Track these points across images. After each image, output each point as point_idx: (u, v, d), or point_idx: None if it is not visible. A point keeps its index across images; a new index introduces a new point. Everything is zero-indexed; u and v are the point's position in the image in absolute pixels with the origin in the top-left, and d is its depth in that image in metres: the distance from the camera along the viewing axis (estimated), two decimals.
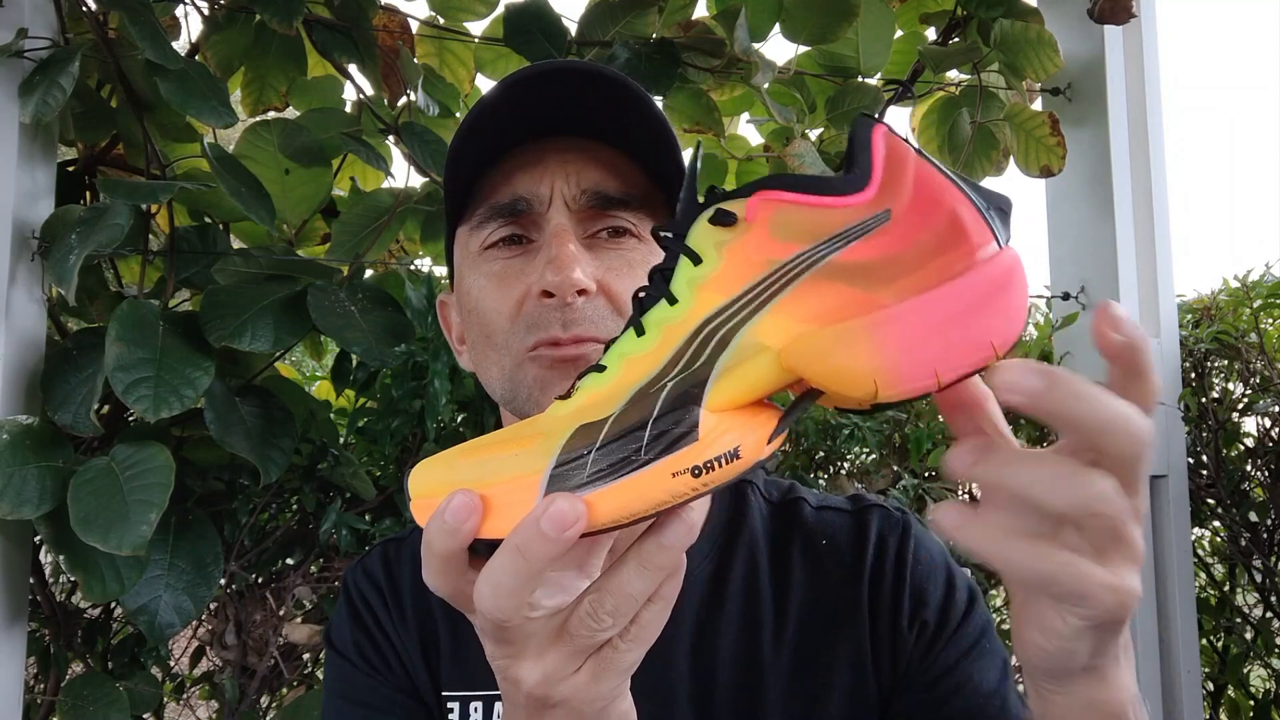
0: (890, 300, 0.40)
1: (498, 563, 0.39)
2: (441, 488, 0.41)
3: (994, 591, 1.69)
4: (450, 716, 0.69)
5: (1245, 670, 1.78)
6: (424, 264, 1.55)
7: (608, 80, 0.60)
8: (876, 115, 0.43)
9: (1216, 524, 1.78)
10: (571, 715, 0.43)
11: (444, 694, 0.69)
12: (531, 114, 0.62)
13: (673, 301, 0.43)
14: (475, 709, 0.68)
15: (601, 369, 0.44)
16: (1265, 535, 1.67)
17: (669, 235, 0.44)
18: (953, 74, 1.56)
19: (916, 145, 0.42)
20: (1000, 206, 0.42)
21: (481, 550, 0.42)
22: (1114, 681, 0.46)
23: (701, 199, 0.44)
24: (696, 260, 0.43)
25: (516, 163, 0.63)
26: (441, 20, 1.43)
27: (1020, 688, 0.62)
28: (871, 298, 0.41)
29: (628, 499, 0.39)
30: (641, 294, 0.45)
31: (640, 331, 0.43)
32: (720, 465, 0.40)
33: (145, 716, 1.34)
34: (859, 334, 0.40)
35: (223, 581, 1.30)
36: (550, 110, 0.62)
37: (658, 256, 0.64)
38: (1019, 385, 0.38)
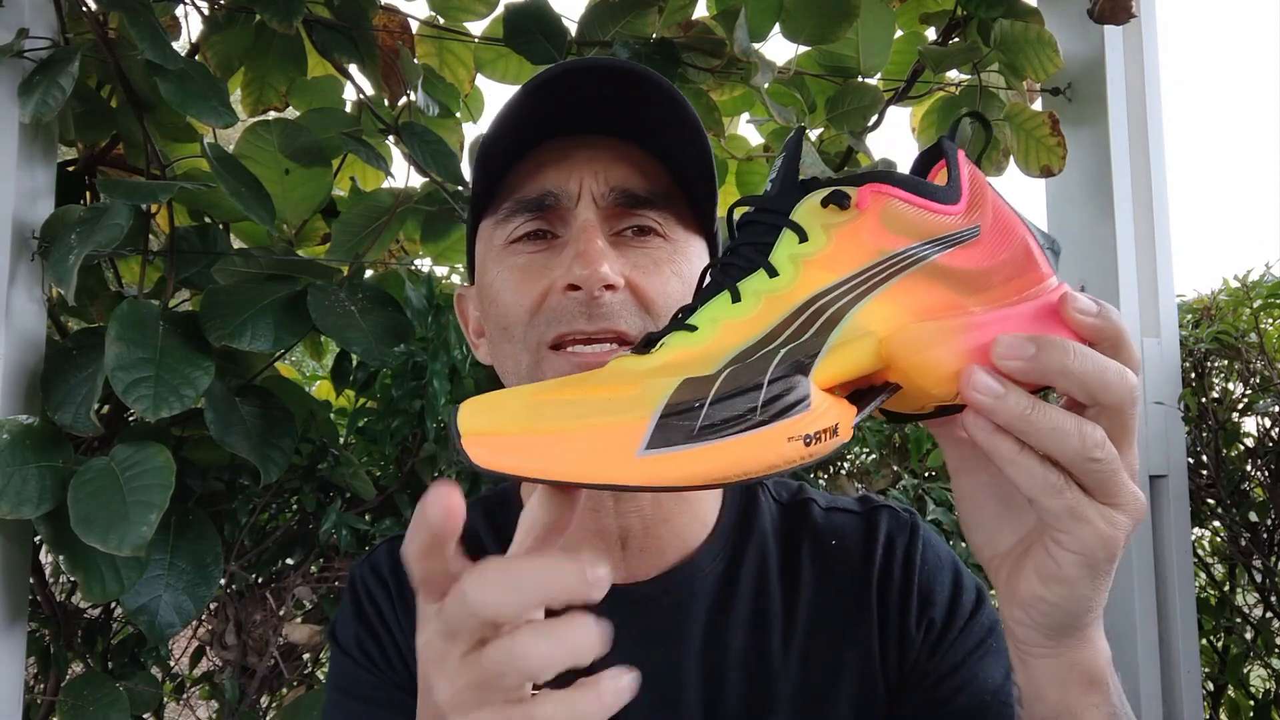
0: (977, 309, 0.44)
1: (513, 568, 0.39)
2: (515, 426, 0.38)
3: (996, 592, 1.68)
4: None
5: (1245, 670, 1.78)
6: (424, 264, 1.55)
7: (643, 80, 0.60)
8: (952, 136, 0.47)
9: (1216, 524, 1.77)
10: None
11: None
12: (564, 111, 0.62)
13: (773, 273, 0.44)
14: None
15: (692, 329, 0.43)
16: (1265, 535, 1.67)
17: (767, 210, 0.46)
18: (953, 74, 1.56)
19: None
20: (1053, 248, 0.47)
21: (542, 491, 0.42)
22: (1094, 643, 0.48)
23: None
24: (803, 236, 0.44)
25: (545, 158, 0.63)
26: (441, 20, 1.43)
27: None
28: (963, 302, 0.44)
29: (742, 457, 0.39)
30: (716, 266, 0.46)
31: (736, 297, 0.44)
32: (825, 438, 0.40)
33: (145, 716, 1.34)
34: (954, 334, 0.42)
35: (223, 581, 1.30)
36: (583, 108, 0.62)
37: (683, 256, 0.64)
38: (1016, 351, 0.41)
